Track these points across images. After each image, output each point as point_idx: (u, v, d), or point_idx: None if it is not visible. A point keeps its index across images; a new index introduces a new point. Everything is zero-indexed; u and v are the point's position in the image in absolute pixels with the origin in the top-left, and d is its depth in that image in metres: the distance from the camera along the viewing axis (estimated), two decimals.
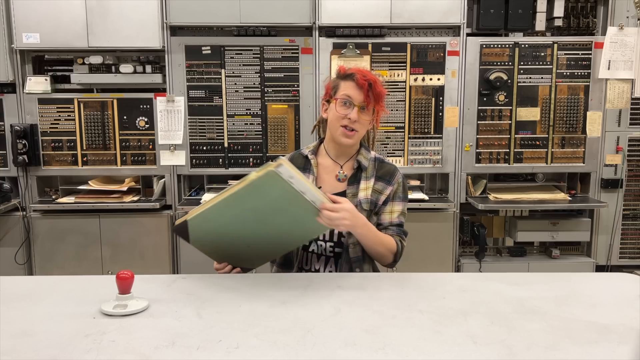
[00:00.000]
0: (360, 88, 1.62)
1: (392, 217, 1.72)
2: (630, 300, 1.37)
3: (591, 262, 3.26)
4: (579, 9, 3.16)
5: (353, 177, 1.72)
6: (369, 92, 1.61)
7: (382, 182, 1.71)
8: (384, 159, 1.78)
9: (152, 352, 1.06)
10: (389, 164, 1.76)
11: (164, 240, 3.12)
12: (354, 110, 1.62)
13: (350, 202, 1.62)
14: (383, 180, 1.71)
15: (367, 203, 1.68)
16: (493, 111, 3.12)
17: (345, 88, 1.64)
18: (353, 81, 1.63)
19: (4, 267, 3.12)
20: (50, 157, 3.14)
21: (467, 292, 1.42)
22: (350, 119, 1.62)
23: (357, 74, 1.63)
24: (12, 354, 1.06)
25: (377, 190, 1.70)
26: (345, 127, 1.64)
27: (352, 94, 1.63)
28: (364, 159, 1.73)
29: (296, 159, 1.79)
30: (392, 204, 1.72)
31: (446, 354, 1.06)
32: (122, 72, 3.07)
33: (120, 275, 1.26)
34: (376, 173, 1.72)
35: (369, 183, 1.71)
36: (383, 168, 1.73)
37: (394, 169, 1.74)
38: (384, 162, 1.76)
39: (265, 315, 1.25)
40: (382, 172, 1.73)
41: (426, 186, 3.30)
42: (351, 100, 1.63)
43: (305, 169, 1.75)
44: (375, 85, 1.62)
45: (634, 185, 3.23)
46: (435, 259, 3.14)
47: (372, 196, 1.70)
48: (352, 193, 1.70)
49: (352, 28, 3.03)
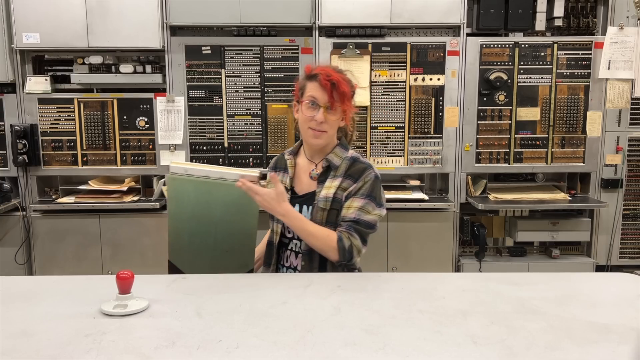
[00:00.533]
0: (324, 89, 1.60)
1: (348, 212, 1.65)
2: (630, 300, 1.37)
3: (591, 262, 3.26)
4: (579, 9, 3.16)
5: (323, 176, 1.70)
6: (333, 92, 1.59)
7: (349, 179, 1.67)
8: (359, 157, 1.73)
9: (152, 352, 1.06)
10: (363, 162, 1.71)
11: (164, 240, 3.10)
12: (320, 111, 1.60)
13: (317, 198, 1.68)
14: (351, 178, 1.67)
15: (324, 202, 1.65)
16: (493, 111, 3.12)
17: (311, 89, 1.63)
18: (317, 82, 1.61)
19: (4, 267, 3.12)
20: (50, 157, 3.13)
21: (467, 292, 1.42)
22: (317, 121, 1.61)
23: (320, 74, 1.61)
24: (12, 354, 1.06)
25: (344, 188, 1.67)
26: (312, 128, 1.63)
27: (317, 95, 1.61)
28: (336, 158, 1.70)
29: (280, 160, 1.82)
30: (352, 199, 1.66)
31: (446, 354, 1.06)
32: (122, 72, 3.07)
33: (120, 275, 1.26)
34: (346, 172, 1.69)
35: (335, 182, 1.68)
36: (355, 166, 1.69)
37: (365, 168, 1.68)
38: (357, 161, 1.71)
39: (265, 315, 1.25)
40: (352, 170, 1.68)
41: (426, 186, 3.30)
42: (316, 102, 1.61)
43: (285, 169, 1.77)
44: (339, 84, 1.60)
45: (634, 185, 3.23)
46: (435, 259, 3.14)
47: (338, 194, 1.66)
48: (319, 191, 1.69)
49: (352, 28, 3.03)
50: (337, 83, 1.59)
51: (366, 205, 1.65)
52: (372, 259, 3.13)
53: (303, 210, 1.70)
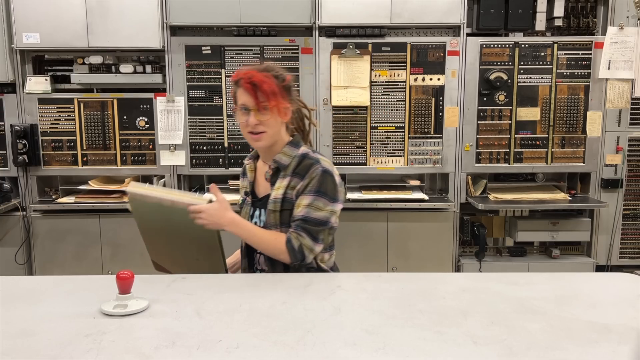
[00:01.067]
0: (248, 92, 1.59)
1: (297, 210, 1.62)
2: (630, 300, 1.37)
3: (591, 262, 3.26)
4: (579, 9, 3.16)
5: (274, 177, 1.69)
6: (257, 94, 1.58)
7: (297, 177, 1.64)
8: (309, 153, 1.68)
9: (152, 352, 1.06)
10: (311, 158, 1.65)
11: None
12: (251, 115, 1.60)
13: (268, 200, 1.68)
14: (298, 176, 1.64)
15: (274, 203, 1.64)
16: (493, 111, 3.12)
17: (239, 95, 1.62)
18: (241, 87, 1.61)
19: (4, 267, 3.12)
20: (50, 157, 3.14)
21: (467, 292, 1.42)
22: (251, 125, 1.60)
23: (242, 79, 1.60)
24: (12, 354, 1.06)
25: (292, 187, 1.64)
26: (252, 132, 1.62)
27: (244, 100, 1.60)
28: (285, 157, 1.67)
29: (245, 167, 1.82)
30: (301, 197, 1.62)
31: (446, 354, 1.06)
32: (122, 72, 3.07)
33: (120, 275, 1.26)
34: (294, 170, 1.65)
35: (284, 182, 1.65)
36: (302, 163, 1.65)
37: (312, 164, 1.63)
38: (306, 157, 1.66)
39: (265, 315, 1.25)
40: (300, 167, 1.65)
41: (426, 186, 3.30)
42: (246, 107, 1.60)
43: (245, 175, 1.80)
44: (261, 84, 1.57)
45: (634, 185, 3.23)
46: (435, 259, 3.14)
47: (288, 194, 1.63)
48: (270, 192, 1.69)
49: (352, 28, 3.03)
50: (258, 83, 1.57)
51: (314, 201, 1.60)
52: (372, 259, 3.13)
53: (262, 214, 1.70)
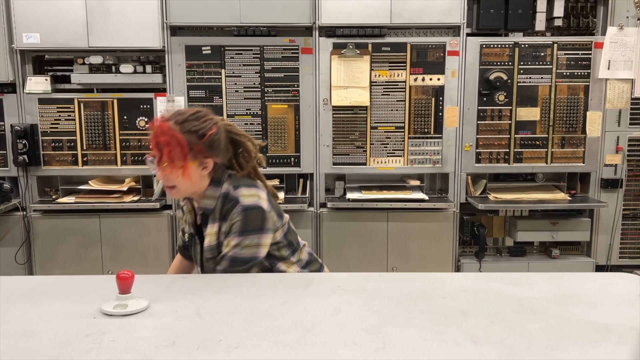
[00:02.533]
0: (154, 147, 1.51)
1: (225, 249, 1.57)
2: (630, 300, 1.37)
3: (591, 262, 3.26)
4: (578, 9, 3.16)
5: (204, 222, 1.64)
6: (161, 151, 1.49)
7: (224, 221, 1.58)
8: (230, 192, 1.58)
9: (152, 352, 1.06)
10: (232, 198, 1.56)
11: (164, 240, 3.12)
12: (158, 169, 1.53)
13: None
14: (225, 219, 1.58)
15: (210, 251, 1.60)
16: (493, 111, 3.12)
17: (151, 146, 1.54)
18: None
19: (4, 267, 3.12)
20: (51, 157, 3.14)
21: (467, 292, 1.42)
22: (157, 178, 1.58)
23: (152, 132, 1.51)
24: (12, 354, 1.06)
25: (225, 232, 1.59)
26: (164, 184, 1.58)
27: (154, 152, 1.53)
28: (209, 201, 1.60)
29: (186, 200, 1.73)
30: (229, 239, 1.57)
31: (446, 354, 1.06)
32: (122, 72, 3.07)
33: (120, 275, 1.26)
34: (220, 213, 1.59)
35: (214, 227, 1.60)
36: (225, 206, 1.58)
37: (233, 205, 1.55)
38: (227, 197, 1.58)
39: (265, 315, 1.25)
40: (224, 210, 1.58)
41: (426, 186, 3.30)
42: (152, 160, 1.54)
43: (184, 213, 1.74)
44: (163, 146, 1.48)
45: (634, 185, 3.23)
46: (435, 259, 3.14)
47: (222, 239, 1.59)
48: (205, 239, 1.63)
49: (352, 28, 3.03)
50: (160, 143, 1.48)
51: (242, 241, 1.56)
52: (372, 259, 3.13)
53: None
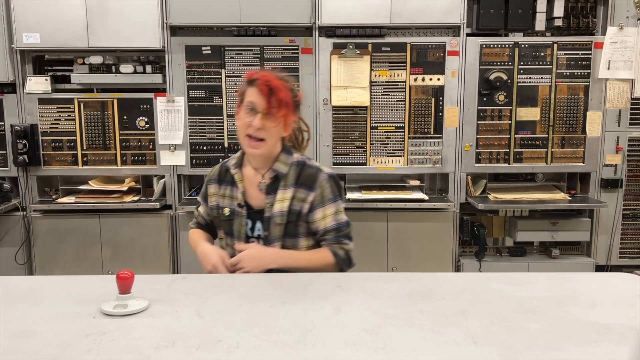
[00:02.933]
0: (262, 94, 1.56)
1: (326, 222, 1.64)
2: (630, 300, 1.37)
3: (591, 262, 3.26)
4: (578, 9, 3.16)
5: (271, 187, 1.65)
6: (271, 98, 1.55)
7: (303, 188, 1.63)
8: (306, 161, 1.68)
9: (152, 352, 1.06)
10: (312, 167, 1.66)
11: (164, 240, 3.12)
12: (257, 117, 1.56)
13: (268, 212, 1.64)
14: (304, 187, 1.63)
15: (281, 217, 1.62)
16: (493, 111, 3.12)
17: (250, 94, 1.58)
18: (256, 87, 1.57)
19: (4, 267, 3.12)
20: (51, 157, 3.14)
21: (467, 292, 1.42)
22: (254, 127, 1.56)
23: (259, 79, 1.57)
24: (12, 354, 1.06)
25: (299, 198, 1.63)
26: (250, 136, 1.58)
27: (255, 100, 1.57)
28: (283, 166, 1.65)
29: (223, 173, 1.76)
30: (323, 209, 1.63)
31: (446, 354, 1.06)
32: (122, 72, 3.07)
33: (120, 275, 1.26)
34: (297, 180, 1.64)
35: (287, 193, 1.63)
36: (304, 173, 1.65)
37: (316, 172, 1.65)
38: (305, 165, 1.66)
39: (265, 315, 1.25)
40: (303, 177, 1.64)
41: (426, 186, 3.30)
42: (254, 107, 1.57)
43: (233, 183, 1.71)
44: (277, 91, 1.55)
45: (634, 185, 3.23)
46: (435, 259, 3.14)
47: (295, 206, 1.62)
48: (270, 203, 1.64)
49: (352, 28, 3.02)
50: (275, 89, 1.55)
51: (337, 208, 1.65)
52: (372, 259, 3.13)
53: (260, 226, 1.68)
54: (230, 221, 1.70)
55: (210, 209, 1.78)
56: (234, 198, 1.71)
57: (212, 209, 1.77)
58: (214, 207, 1.75)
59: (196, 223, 1.89)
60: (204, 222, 1.87)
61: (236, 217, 1.69)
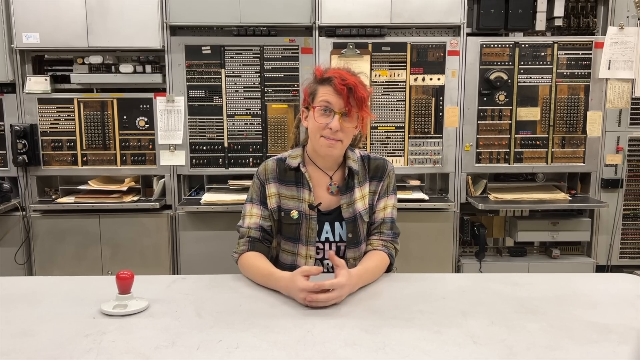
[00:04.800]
0: (340, 94, 1.46)
1: (386, 212, 1.61)
2: (630, 300, 1.37)
3: (591, 262, 3.26)
4: (579, 8, 3.15)
5: (345, 186, 1.59)
6: (350, 97, 1.46)
7: (375, 180, 1.62)
8: (370, 154, 1.66)
9: (152, 352, 1.06)
10: (377, 158, 1.65)
11: (164, 240, 3.12)
12: (335, 118, 1.46)
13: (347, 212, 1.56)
14: (376, 179, 1.62)
15: (367, 214, 1.59)
16: (493, 111, 3.12)
17: (324, 94, 1.48)
18: (331, 86, 1.48)
19: (4, 267, 3.12)
20: (50, 157, 3.13)
21: (467, 292, 1.42)
22: (332, 129, 1.47)
23: (335, 78, 1.47)
24: (12, 354, 1.06)
25: (372, 191, 1.62)
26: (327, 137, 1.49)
27: (332, 100, 1.47)
28: (354, 163, 1.60)
29: (282, 170, 1.61)
30: (386, 199, 1.61)
31: (446, 354, 1.06)
32: (122, 72, 3.07)
33: (120, 275, 1.26)
34: (368, 174, 1.62)
35: (364, 189, 1.60)
36: (373, 165, 1.63)
37: (384, 163, 1.64)
38: (371, 158, 1.64)
39: (265, 315, 1.25)
40: (373, 170, 1.62)
41: (426, 186, 3.30)
42: (331, 108, 1.48)
43: (298, 183, 1.59)
44: (356, 89, 1.46)
45: (634, 185, 3.23)
46: (435, 259, 3.14)
47: (370, 200, 1.60)
48: (347, 202, 1.58)
49: (352, 28, 3.02)
50: (353, 87, 1.46)
51: (395, 200, 1.64)
52: None
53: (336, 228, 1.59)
54: (298, 225, 1.57)
55: (272, 211, 1.60)
56: (301, 200, 1.58)
57: (274, 212, 1.60)
58: (276, 210, 1.60)
59: (249, 241, 1.58)
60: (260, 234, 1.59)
61: (304, 220, 1.57)
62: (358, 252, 1.61)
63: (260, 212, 1.60)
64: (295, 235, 1.59)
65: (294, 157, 1.63)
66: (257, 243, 1.59)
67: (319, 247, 1.61)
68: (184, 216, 3.09)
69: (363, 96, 1.49)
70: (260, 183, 1.62)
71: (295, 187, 1.59)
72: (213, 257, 3.04)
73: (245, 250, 1.57)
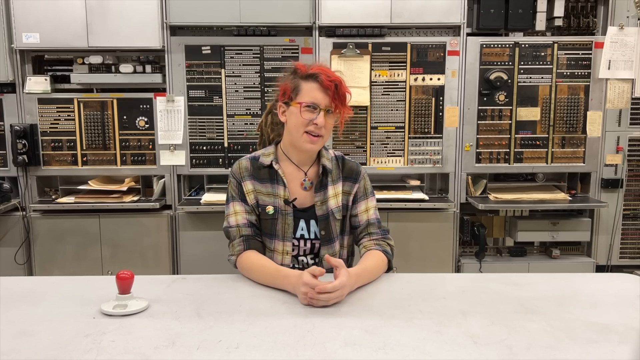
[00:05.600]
0: (326, 90, 1.49)
1: (369, 214, 1.65)
2: (630, 300, 1.37)
3: (591, 262, 3.26)
4: (579, 8, 3.15)
5: (319, 183, 1.62)
6: (335, 94, 1.50)
7: (349, 182, 1.65)
8: (344, 156, 1.70)
9: (152, 352, 1.06)
10: (350, 160, 1.70)
11: (164, 240, 3.12)
12: (321, 114, 1.50)
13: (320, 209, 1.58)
14: (350, 180, 1.65)
15: (339, 212, 1.62)
16: (493, 111, 3.12)
17: (310, 90, 1.50)
18: (317, 82, 1.50)
19: (4, 267, 3.12)
20: (50, 157, 3.13)
21: (467, 292, 1.42)
22: (318, 125, 1.50)
23: (321, 75, 1.49)
24: (12, 354, 1.06)
25: (346, 192, 1.64)
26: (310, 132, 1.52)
27: (318, 96, 1.50)
28: (327, 161, 1.63)
29: (256, 168, 1.62)
30: (365, 201, 1.65)
31: (446, 354, 1.06)
32: (122, 72, 3.07)
33: (120, 275, 1.26)
34: (342, 174, 1.65)
35: (337, 188, 1.63)
36: (347, 166, 1.67)
37: (357, 165, 1.68)
38: (345, 159, 1.69)
39: (265, 315, 1.25)
40: (347, 171, 1.66)
41: (426, 186, 3.30)
42: (317, 104, 1.50)
43: (272, 180, 1.60)
44: (340, 86, 1.51)
45: (634, 185, 3.23)
46: (435, 259, 3.14)
47: (343, 200, 1.63)
48: (321, 200, 1.61)
49: (352, 28, 3.02)
50: (339, 84, 1.51)
51: (374, 201, 1.68)
52: None
53: (311, 226, 1.62)
54: (274, 220, 1.59)
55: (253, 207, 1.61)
56: (276, 196, 1.59)
57: (255, 207, 1.61)
58: (255, 206, 1.61)
59: (243, 240, 1.58)
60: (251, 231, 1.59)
61: (280, 216, 1.59)
62: (332, 250, 1.63)
63: (244, 208, 1.61)
64: (271, 231, 1.60)
65: (266, 155, 1.65)
66: (252, 240, 1.59)
67: (294, 243, 1.63)
68: (184, 216, 3.09)
69: (346, 92, 1.54)
70: (236, 181, 1.63)
71: (270, 184, 1.61)
72: (213, 257, 3.04)
73: (242, 250, 1.58)
